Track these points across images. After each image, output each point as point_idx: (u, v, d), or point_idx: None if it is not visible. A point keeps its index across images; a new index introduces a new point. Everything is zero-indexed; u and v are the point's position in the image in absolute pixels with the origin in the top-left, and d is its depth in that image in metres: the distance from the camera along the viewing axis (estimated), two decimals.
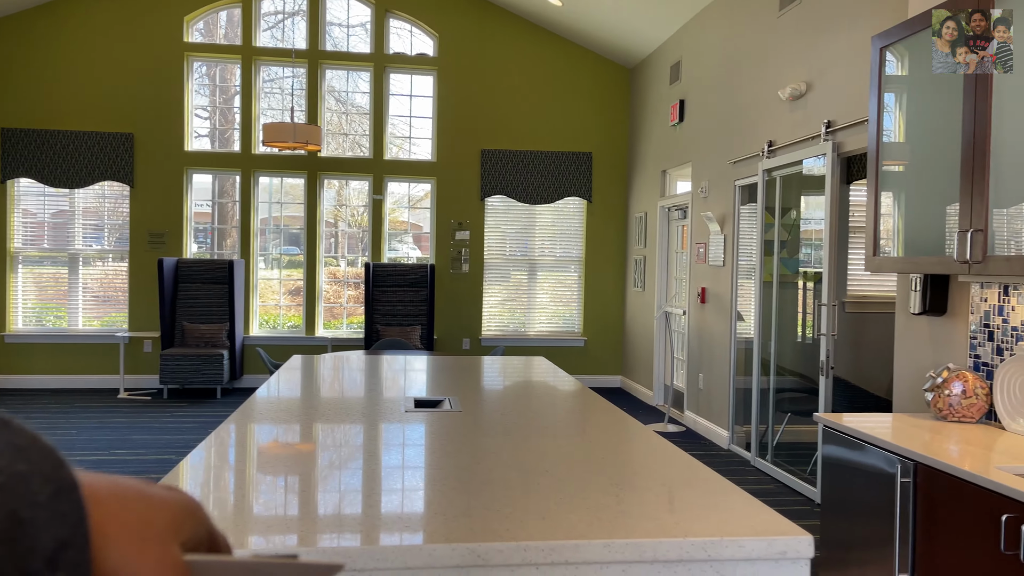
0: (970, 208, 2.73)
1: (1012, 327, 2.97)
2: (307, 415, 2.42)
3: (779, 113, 5.45)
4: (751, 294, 5.94)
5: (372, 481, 1.67)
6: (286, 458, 1.86)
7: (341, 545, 1.28)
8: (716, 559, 1.27)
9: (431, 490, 1.60)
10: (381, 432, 2.18)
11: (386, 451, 1.96)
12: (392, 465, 1.82)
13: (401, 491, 1.59)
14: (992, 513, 2.19)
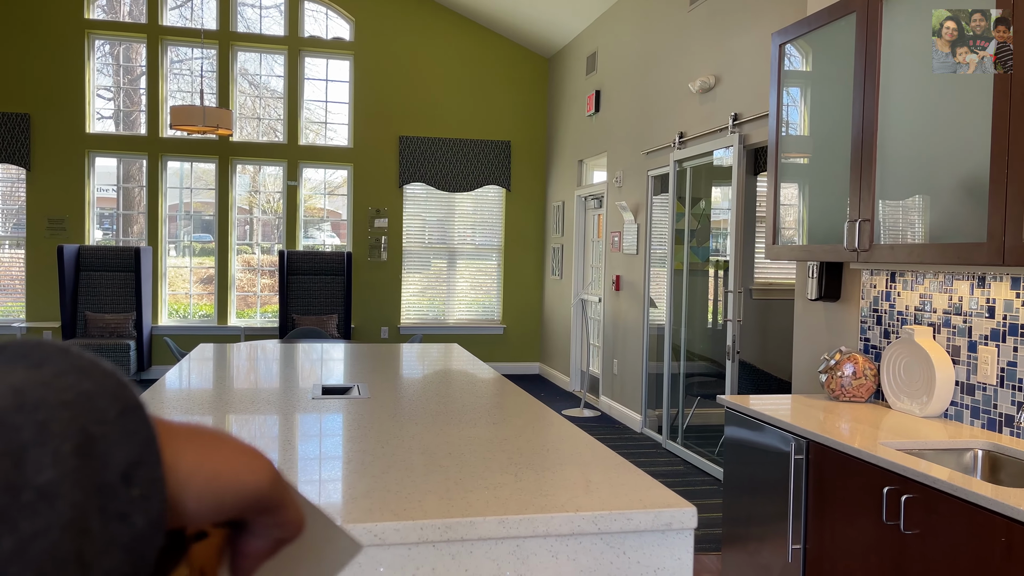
0: (859, 199, 2.87)
1: (898, 311, 3.15)
2: (204, 403, 2.36)
3: (690, 105, 5.60)
4: (663, 282, 6.10)
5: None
6: None
7: None
8: (606, 532, 1.32)
9: (328, 474, 1.60)
10: (284, 420, 2.16)
11: (285, 438, 1.94)
12: (291, 451, 1.80)
13: (296, 476, 1.58)
14: (876, 486, 2.33)
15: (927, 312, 2.99)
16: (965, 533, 2.00)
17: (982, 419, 2.71)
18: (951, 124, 2.49)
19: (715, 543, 3.95)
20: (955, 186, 2.50)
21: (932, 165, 2.58)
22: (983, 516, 1.95)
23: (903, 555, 2.22)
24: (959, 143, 2.46)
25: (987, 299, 2.70)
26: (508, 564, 1.31)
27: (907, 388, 2.98)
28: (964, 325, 2.80)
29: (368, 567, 1.28)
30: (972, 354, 2.76)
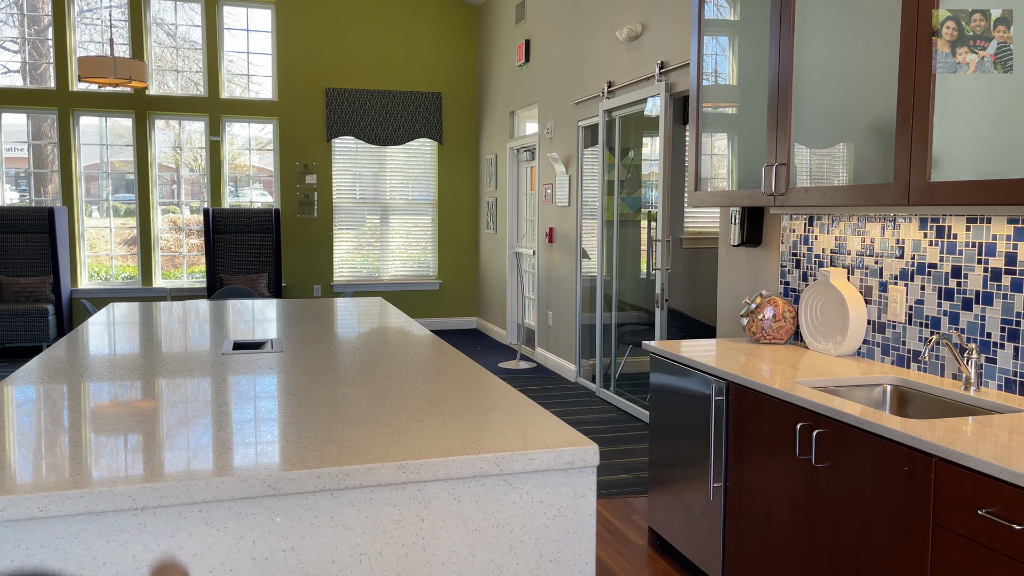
0: (775, 144, 2.89)
1: (815, 255, 3.21)
2: (96, 367, 2.27)
3: (618, 54, 5.55)
4: (595, 233, 6.11)
5: (157, 424, 1.59)
6: (60, 401, 1.74)
7: (117, 487, 1.21)
8: (508, 472, 1.31)
9: (222, 426, 1.54)
10: (183, 378, 2.08)
11: (186, 393, 1.87)
12: (190, 407, 1.74)
13: (189, 428, 1.53)
14: (790, 423, 2.38)
15: (842, 255, 3.05)
16: (872, 464, 2.07)
17: (892, 356, 2.80)
18: (862, 70, 2.51)
19: (644, 486, 4.03)
20: (866, 130, 2.53)
21: (844, 110, 2.61)
22: (888, 447, 2.01)
23: (815, 487, 2.29)
24: (869, 88, 2.48)
25: (897, 240, 2.76)
26: (410, 509, 1.29)
27: (823, 329, 3.05)
28: (876, 266, 2.87)
29: (263, 518, 1.24)
30: (883, 294, 2.83)
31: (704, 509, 2.87)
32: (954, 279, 2.53)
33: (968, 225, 2.48)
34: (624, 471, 4.26)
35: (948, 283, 2.56)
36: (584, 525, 1.33)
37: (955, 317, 2.53)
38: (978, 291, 2.45)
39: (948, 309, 2.56)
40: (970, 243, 2.47)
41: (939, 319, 2.59)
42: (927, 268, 2.64)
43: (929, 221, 2.62)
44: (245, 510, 1.24)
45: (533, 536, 1.33)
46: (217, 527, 1.22)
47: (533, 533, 1.33)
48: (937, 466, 1.85)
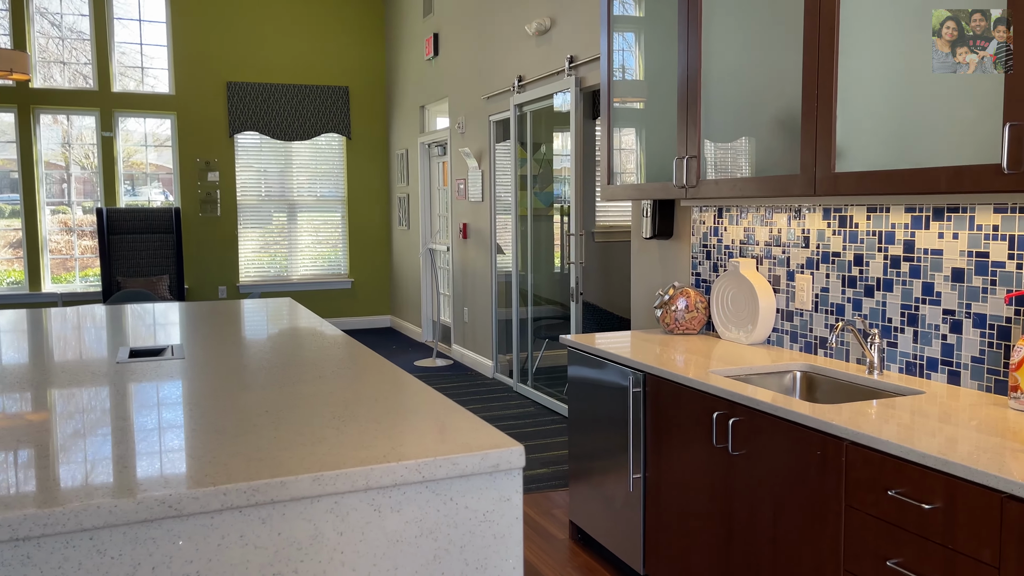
0: (686, 137, 2.93)
1: (725, 246, 3.27)
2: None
3: (527, 48, 5.54)
4: (509, 228, 6.09)
5: (45, 441, 1.46)
6: None
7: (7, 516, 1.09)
8: (431, 479, 1.25)
9: (119, 446, 1.43)
10: (73, 390, 1.94)
11: (70, 409, 1.73)
12: (74, 424, 1.61)
13: (84, 445, 1.41)
14: (707, 412, 2.41)
15: (751, 245, 3.12)
16: (786, 449, 2.11)
17: (800, 343, 2.88)
18: (768, 64, 2.56)
19: (564, 479, 4.04)
20: (773, 122, 2.58)
21: (752, 103, 2.66)
22: (802, 433, 2.05)
23: (732, 474, 2.32)
24: (775, 82, 2.53)
25: (803, 230, 2.84)
26: (326, 523, 1.22)
27: (734, 318, 3.11)
28: (783, 256, 2.94)
29: (164, 542, 1.15)
30: (791, 282, 2.91)
31: (624, 500, 2.89)
32: (856, 267, 2.62)
33: (869, 215, 2.56)
34: (543, 465, 4.26)
35: (851, 271, 2.64)
36: (511, 529, 1.30)
37: (858, 304, 2.62)
38: (879, 278, 2.54)
39: (852, 296, 2.64)
40: (871, 232, 2.56)
41: (843, 306, 2.68)
42: (831, 257, 2.72)
43: (832, 211, 2.71)
44: (143, 534, 1.14)
45: (459, 544, 1.28)
46: (111, 555, 1.12)
47: (458, 541, 1.28)
48: (848, 449, 1.90)
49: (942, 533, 1.67)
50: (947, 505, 1.66)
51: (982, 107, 1.85)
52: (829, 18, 2.24)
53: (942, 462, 1.65)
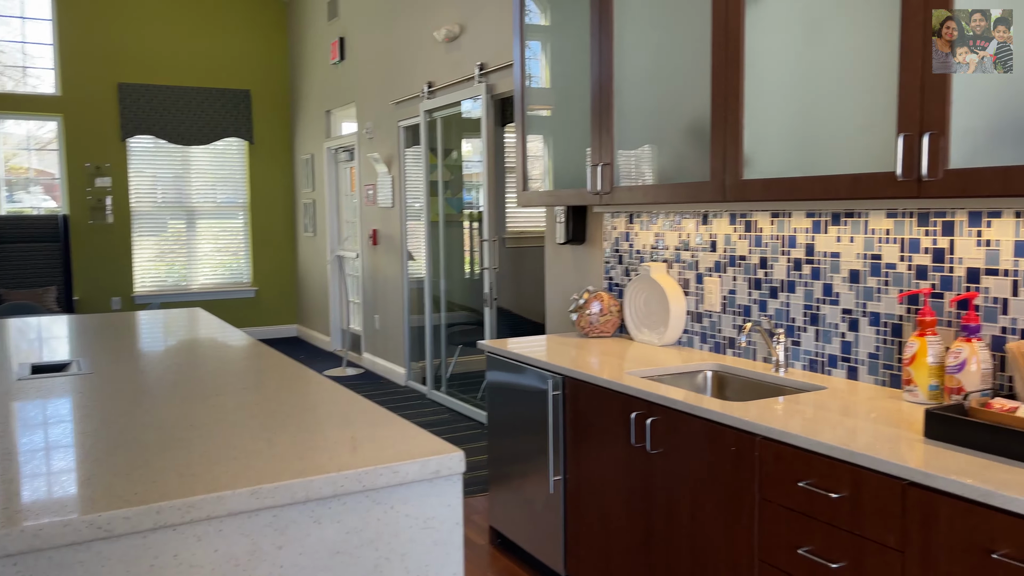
0: (599, 144, 3.01)
1: (636, 250, 3.37)
2: None
3: (437, 54, 5.55)
4: (420, 234, 6.07)
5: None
6: None
7: None
8: (371, 488, 1.25)
9: (35, 466, 1.36)
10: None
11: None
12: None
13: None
14: (624, 413, 2.48)
15: (661, 250, 3.22)
16: (702, 447, 2.20)
17: (710, 343, 3.00)
18: (678, 74, 2.67)
19: (482, 485, 4.05)
20: (684, 130, 2.69)
21: (664, 111, 2.76)
22: (717, 430, 2.14)
23: (650, 472, 2.40)
24: (686, 91, 2.64)
25: (710, 235, 2.96)
26: (265, 537, 1.20)
27: (647, 320, 3.21)
28: (692, 259, 3.06)
29: (93, 565, 1.10)
30: (699, 285, 3.03)
31: (545, 503, 2.93)
32: (762, 270, 2.75)
33: (772, 220, 2.70)
34: None
35: (756, 274, 2.77)
36: (452, 535, 1.30)
37: (764, 305, 2.75)
38: (783, 280, 2.68)
39: (757, 298, 2.78)
40: (774, 236, 2.70)
41: (750, 307, 2.81)
42: (738, 260, 2.85)
43: (738, 216, 2.84)
44: (70, 559, 1.09)
45: (400, 552, 1.28)
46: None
47: (400, 549, 1.28)
48: (760, 444, 2.00)
49: (849, 520, 1.78)
50: (853, 494, 1.77)
51: (878, 118, 1.99)
52: (735, 31, 2.36)
53: (847, 453, 1.76)
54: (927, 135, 1.81)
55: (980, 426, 1.70)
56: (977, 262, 2.10)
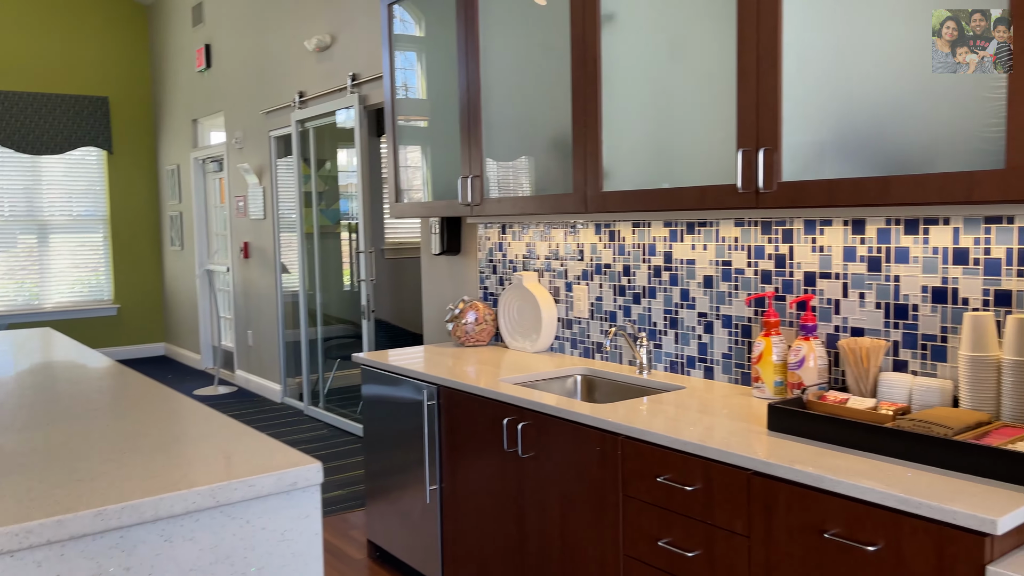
0: (469, 157, 3.06)
1: (509, 260, 3.44)
2: None
3: (308, 64, 5.46)
4: (295, 246, 5.94)
5: None
6: None
7: None
8: (226, 503, 1.23)
9: None
10: None
11: None
12: None
13: None
14: (497, 419, 2.53)
15: (532, 259, 3.31)
16: (570, 448, 2.27)
17: (580, 348, 3.10)
18: (542, 89, 2.75)
19: (361, 500, 4.00)
20: (548, 144, 2.78)
21: (530, 126, 2.84)
22: (583, 431, 2.22)
23: (523, 477, 2.45)
24: (550, 106, 2.73)
25: (578, 244, 3.07)
26: (111, 559, 1.15)
27: (520, 328, 3.28)
28: (562, 268, 3.15)
29: None
30: (569, 293, 3.13)
31: (422, 513, 2.93)
32: (625, 277, 2.87)
33: (634, 229, 2.83)
34: (339, 487, 4.20)
35: (621, 281, 2.90)
36: (310, 546, 1.29)
37: (628, 310, 2.87)
38: (644, 286, 2.80)
39: (622, 304, 2.90)
40: (636, 245, 2.82)
41: (616, 313, 2.92)
42: (603, 268, 2.96)
43: (603, 227, 2.95)
44: None
45: (257, 565, 1.26)
46: None
47: (256, 562, 1.26)
48: (623, 443, 2.09)
49: (702, 511, 1.89)
50: (706, 485, 1.88)
51: (722, 135, 2.14)
52: (592, 51, 2.46)
53: (699, 447, 1.87)
54: (762, 150, 1.96)
55: (816, 417, 1.85)
56: (813, 267, 2.28)
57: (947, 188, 1.61)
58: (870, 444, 1.74)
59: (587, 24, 2.48)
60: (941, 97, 1.68)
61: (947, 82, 1.67)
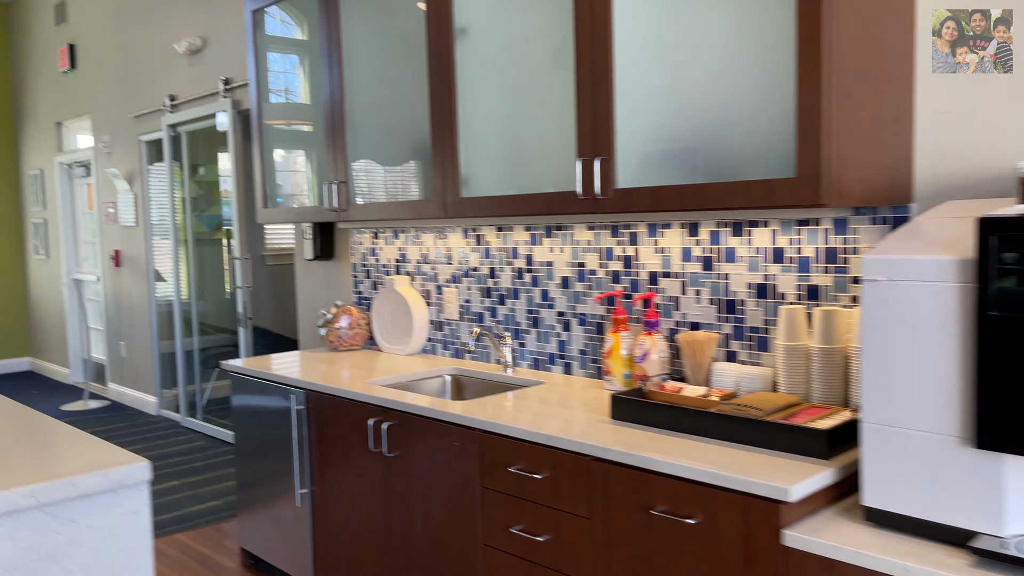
0: (335, 163, 3.10)
1: (382, 265, 3.49)
2: None
3: (180, 67, 5.33)
4: (170, 253, 5.77)
5: None
6: None
7: None
8: (48, 503, 1.24)
9: None
10: None
11: None
12: None
13: None
14: (363, 420, 2.58)
15: (404, 263, 3.37)
16: (432, 445, 2.35)
17: (451, 349, 3.19)
18: (404, 98, 2.83)
19: (235, 510, 3.95)
20: (412, 152, 2.86)
21: (394, 132, 2.91)
22: (443, 428, 2.31)
23: (389, 476, 2.52)
24: (412, 114, 2.81)
25: (447, 248, 3.16)
26: None
27: (394, 332, 3.34)
28: (432, 272, 3.24)
29: None
30: (439, 296, 3.21)
31: (293, 518, 2.95)
32: (491, 279, 2.99)
33: (498, 234, 2.94)
34: (214, 498, 4.13)
35: (487, 283, 3.01)
36: (140, 542, 1.32)
37: (494, 311, 2.99)
38: (509, 288, 2.92)
39: (489, 305, 3.01)
40: (500, 248, 2.94)
41: (483, 314, 3.03)
42: (471, 271, 3.07)
43: (470, 231, 3.05)
44: None
45: (83, 563, 1.28)
46: None
47: (83, 560, 1.27)
48: (480, 438, 2.19)
49: (550, 497, 2.01)
50: (553, 473, 2.00)
51: (565, 145, 2.27)
52: (447, 63, 2.56)
53: (546, 437, 1.99)
54: (599, 160, 2.10)
55: (652, 405, 2.00)
56: (655, 267, 2.45)
57: (751, 194, 1.79)
58: (698, 428, 1.90)
59: (442, 36, 2.57)
60: (753, 114, 1.87)
61: (758, 102, 1.86)
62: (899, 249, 1.50)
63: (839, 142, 1.69)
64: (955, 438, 1.41)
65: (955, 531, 1.43)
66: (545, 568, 2.04)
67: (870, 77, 1.76)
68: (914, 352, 1.45)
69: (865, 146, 1.76)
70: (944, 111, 1.84)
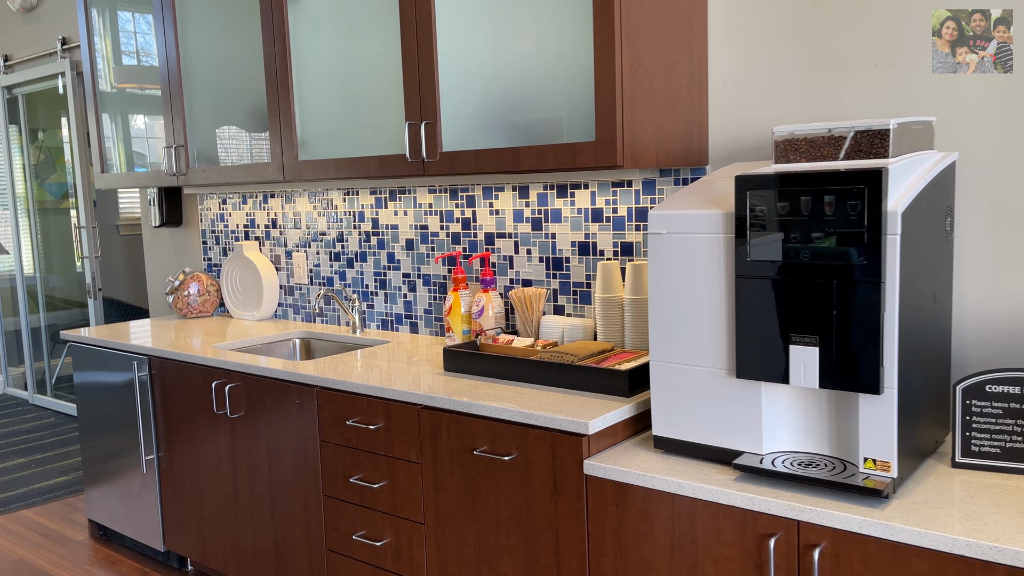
0: (172, 126, 3.04)
1: (231, 231, 3.46)
2: None
3: (14, 25, 5.00)
4: (10, 224, 5.45)
5: None
6: None
7: None
8: None
9: None
10: None
11: None
12: None
13: None
14: (206, 383, 2.59)
15: (253, 229, 3.36)
16: (273, 404, 2.40)
17: (301, 314, 3.22)
18: (242, 62, 2.81)
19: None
20: (251, 115, 2.85)
21: (233, 95, 2.88)
22: (283, 387, 2.36)
23: (234, 436, 2.55)
24: (250, 77, 2.80)
25: (295, 213, 3.17)
26: None
27: (244, 298, 3.33)
28: (281, 236, 3.24)
29: None
30: (289, 261, 3.23)
31: (141, 485, 2.93)
32: (339, 243, 3.03)
33: (344, 197, 2.99)
34: (63, 474, 4.01)
35: (335, 247, 3.05)
36: None
37: (343, 275, 3.04)
38: (356, 251, 2.98)
39: (338, 269, 3.06)
40: (347, 212, 2.99)
41: (332, 278, 3.08)
42: (319, 236, 3.10)
43: (317, 195, 3.08)
44: None
45: None
46: None
47: None
48: (319, 394, 2.26)
49: (385, 446, 2.11)
50: (387, 423, 2.10)
51: (396, 109, 2.34)
52: (280, 28, 2.57)
53: (380, 389, 2.09)
54: (424, 124, 2.19)
55: (480, 356, 2.13)
56: (491, 228, 2.58)
57: (559, 157, 1.93)
58: (520, 375, 2.05)
59: (275, 2, 2.57)
60: (564, 83, 2.00)
61: (568, 71, 1.99)
62: (679, 205, 1.67)
63: (632, 109, 1.84)
64: (723, 371, 1.61)
65: (725, 452, 1.63)
66: (382, 513, 2.15)
67: (664, 49, 1.92)
68: (691, 297, 1.63)
69: (660, 113, 1.93)
70: (731, 80, 2.03)
